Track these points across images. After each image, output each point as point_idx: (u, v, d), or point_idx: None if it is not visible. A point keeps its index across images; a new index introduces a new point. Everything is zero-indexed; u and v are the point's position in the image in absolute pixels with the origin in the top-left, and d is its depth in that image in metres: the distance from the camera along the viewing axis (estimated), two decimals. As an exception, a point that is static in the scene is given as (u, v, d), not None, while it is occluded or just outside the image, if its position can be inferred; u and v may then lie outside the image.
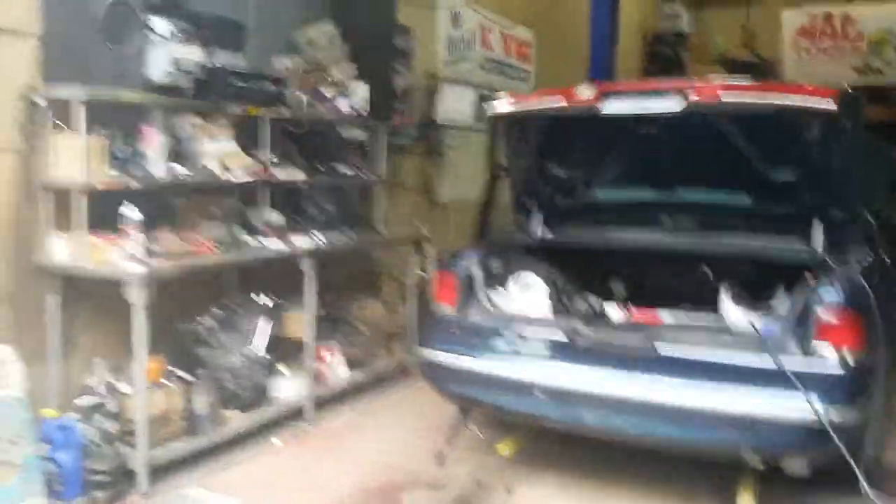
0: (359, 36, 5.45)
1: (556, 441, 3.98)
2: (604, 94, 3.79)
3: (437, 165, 6.98)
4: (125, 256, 3.57)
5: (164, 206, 4.33)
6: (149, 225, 3.81)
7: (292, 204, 5.17)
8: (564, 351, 3.55)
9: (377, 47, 5.60)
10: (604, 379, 3.40)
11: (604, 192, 4.47)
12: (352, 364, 5.05)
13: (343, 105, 5.23)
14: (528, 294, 4.04)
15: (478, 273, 3.86)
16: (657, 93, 3.75)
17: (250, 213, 4.71)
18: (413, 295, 5.55)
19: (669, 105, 3.64)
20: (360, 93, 5.33)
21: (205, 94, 4.16)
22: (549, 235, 4.46)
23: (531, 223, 4.52)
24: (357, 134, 5.60)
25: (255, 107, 4.48)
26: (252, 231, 4.50)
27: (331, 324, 5.09)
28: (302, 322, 4.58)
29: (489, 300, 3.80)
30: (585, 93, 3.84)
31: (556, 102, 3.84)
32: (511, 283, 4.10)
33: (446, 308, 3.87)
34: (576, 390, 3.43)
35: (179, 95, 4.06)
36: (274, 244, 4.42)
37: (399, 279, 5.67)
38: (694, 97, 3.56)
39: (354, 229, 5.29)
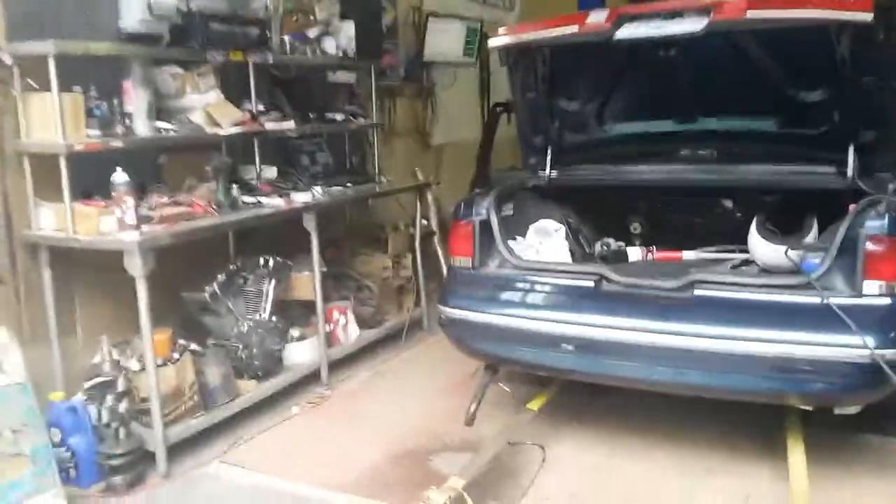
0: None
1: (587, 392, 3.82)
2: (618, 19, 3.49)
3: (428, 106, 6.65)
4: (118, 225, 3.28)
5: (151, 167, 4.03)
6: (138, 188, 3.52)
7: (284, 156, 4.87)
8: (592, 299, 3.35)
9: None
10: (636, 326, 3.20)
11: (618, 126, 4.21)
12: (362, 322, 4.84)
13: (329, 46, 4.87)
14: (548, 241, 3.82)
15: (495, 221, 3.61)
16: (676, 14, 3.46)
17: (242, 169, 4.40)
18: (418, 245, 5.32)
19: (690, 26, 3.35)
20: (347, 32, 4.96)
21: (183, 41, 3.81)
22: (561, 175, 4.21)
23: (540, 162, 4.26)
24: (345, 77, 5.25)
25: (238, 52, 4.12)
26: (247, 188, 4.20)
27: (336, 282, 4.85)
28: (310, 283, 4.33)
29: (509, 250, 3.57)
30: (598, 17, 3.55)
31: (567, 30, 3.54)
32: (530, 231, 3.87)
33: (464, 261, 3.63)
34: (606, 340, 3.23)
35: (157, 44, 3.71)
36: (272, 201, 4.14)
37: (403, 229, 5.41)
38: (717, 16, 3.29)
39: (352, 179, 5.01)
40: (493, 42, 3.71)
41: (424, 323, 5.33)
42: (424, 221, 5.49)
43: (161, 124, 3.77)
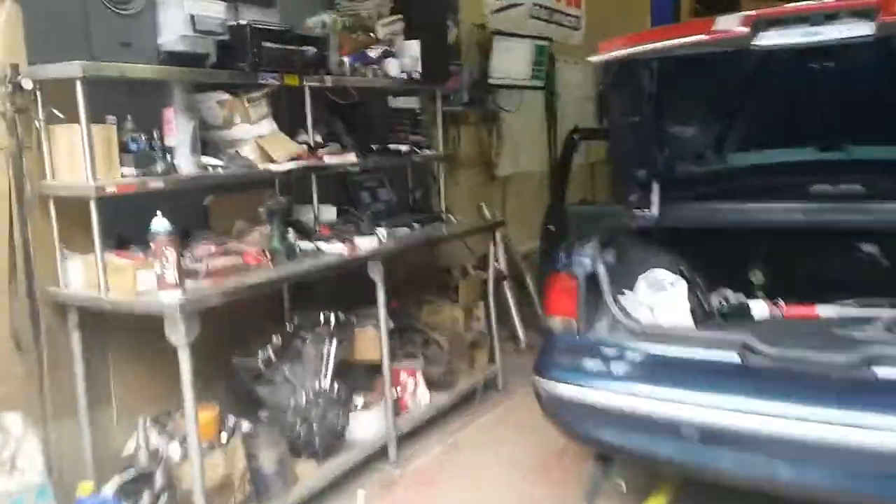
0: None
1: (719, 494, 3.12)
2: (756, 23, 2.85)
3: (493, 134, 6.05)
4: (158, 282, 2.71)
5: (195, 209, 3.48)
6: (181, 234, 2.97)
7: (342, 193, 4.30)
8: (735, 377, 2.67)
9: (425, -4, 4.64)
10: (790, 413, 2.50)
11: (742, 155, 3.55)
12: (431, 383, 4.20)
13: (392, 68, 4.30)
14: (663, 297, 3.15)
15: (604, 275, 2.96)
16: (829, 15, 2.80)
17: (298, 210, 3.83)
18: (492, 293, 4.68)
19: (853, 30, 2.70)
20: (411, 52, 4.39)
21: (232, 62, 3.27)
22: (669, 214, 3.54)
23: (643, 199, 3.60)
24: (408, 102, 4.67)
25: (293, 76, 3.57)
26: (304, 232, 3.62)
27: (400, 336, 4.23)
28: (374, 340, 3.72)
29: (623, 312, 2.91)
30: (730, 23, 2.90)
31: (692, 38, 2.89)
32: (639, 284, 3.21)
33: (566, 323, 2.98)
34: (752, 430, 2.53)
35: (201, 65, 3.16)
36: (333, 247, 3.55)
37: (473, 274, 4.79)
38: (886, 17, 2.63)
39: (418, 219, 4.41)
40: (599, 56, 3.09)
41: (500, 382, 4.67)
42: (496, 264, 4.87)
43: (208, 160, 3.22)
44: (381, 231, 3.83)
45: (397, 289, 4.50)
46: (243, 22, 3.24)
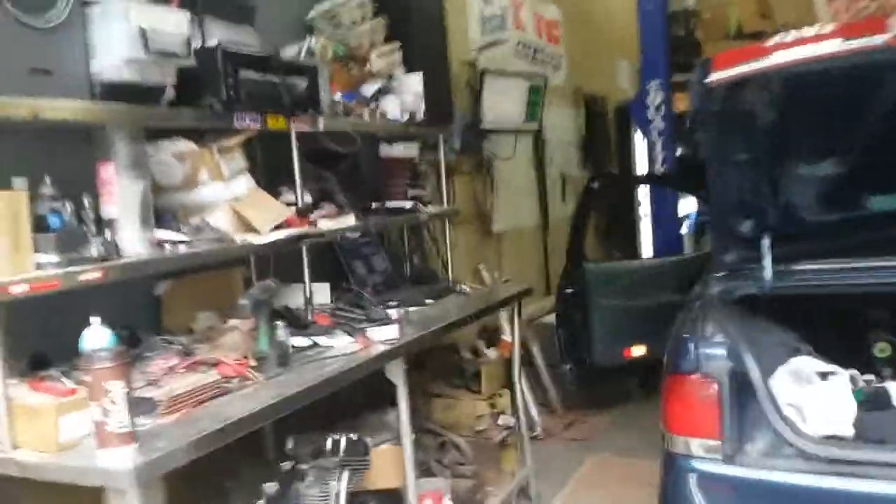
0: (396, 7, 3.67)
1: None
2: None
3: (488, 184, 5.23)
4: (97, 433, 1.72)
5: (145, 301, 2.51)
6: (128, 341, 2.01)
7: (332, 265, 3.39)
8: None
9: (422, 21, 3.81)
10: None
11: (885, 198, 2.80)
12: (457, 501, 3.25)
13: (392, 107, 3.45)
14: (815, 393, 2.31)
15: (757, 374, 2.11)
16: None
17: (284, 292, 2.89)
18: (518, 378, 3.78)
19: None
20: (414, 87, 3.55)
21: (198, 97, 2.36)
22: (786, 277, 2.74)
23: (745, 258, 2.80)
24: (407, 149, 3.81)
25: (279, 116, 2.68)
26: (297, 324, 2.68)
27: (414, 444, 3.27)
28: (392, 461, 2.77)
29: (788, 423, 2.06)
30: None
31: (861, 41, 2.13)
32: (780, 376, 2.36)
33: (705, 446, 2.10)
34: None
35: (155, 102, 2.25)
36: (338, 343, 2.62)
37: (489, 354, 3.89)
38: None
39: (426, 291, 3.52)
40: (719, 74, 2.30)
41: (532, 489, 3.75)
42: (506, 338, 3.97)
43: (163, 234, 2.27)
44: (394, 313, 2.91)
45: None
46: (213, 42, 2.34)
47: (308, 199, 2.96)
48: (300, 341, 2.61)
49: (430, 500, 3.05)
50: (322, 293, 3.05)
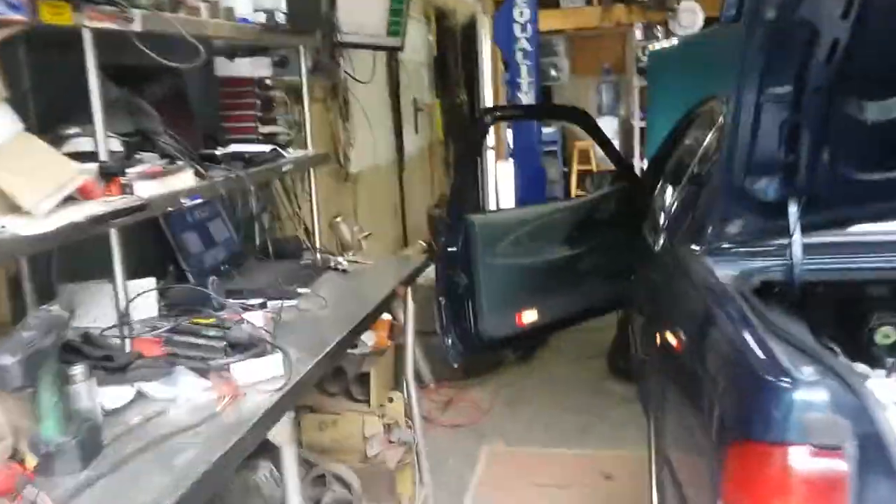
0: None
1: None
2: None
3: (342, 115, 4.16)
4: None
5: None
6: None
7: (153, 241, 2.26)
8: None
9: None
10: None
11: None
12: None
13: (241, 2, 2.31)
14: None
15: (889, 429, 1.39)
16: None
17: (82, 300, 1.76)
18: (411, 376, 2.90)
19: None
20: (271, -22, 2.42)
21: None
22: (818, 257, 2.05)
23: (764, 226, 2.07)
24: (252, 67, 2.67)
25: (61, 4, 1.50)
26: (107, 365, 1.59)
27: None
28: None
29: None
30: None
31: None
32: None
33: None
34: None
35: None
36: (183, 391, 1.59)
37: (376, 347, 2.95)
38: None
39: (296, 272, 2.52)
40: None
41: (431, 508, 2.97)
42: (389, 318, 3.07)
43: None
44: (260, 320, 1.90)
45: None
46: None
47: (116, 147, 1.83)
48: (115, 396, 1.55)
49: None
50: (148, 303, 1.95)
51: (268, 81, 2.71)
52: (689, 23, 8.48)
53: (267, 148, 2.42)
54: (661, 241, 2.76)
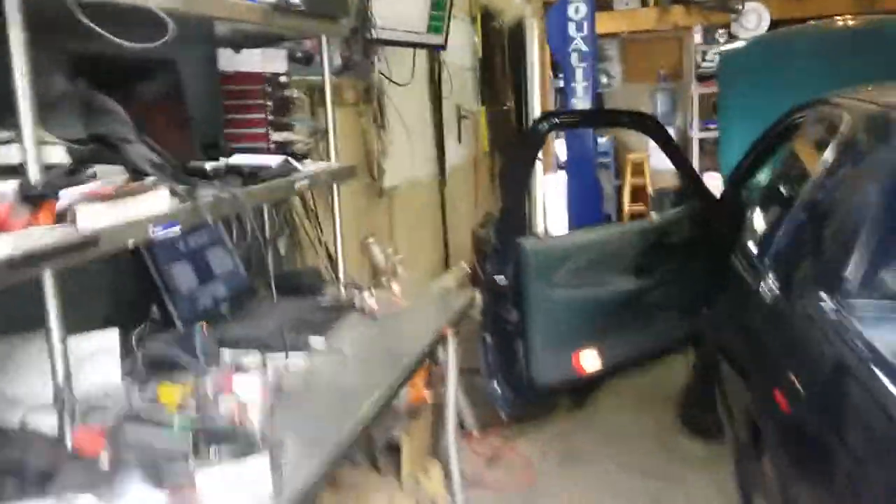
0: None
1: None
2: None
3: (378, 121, 3.66)
4: None
5: None
6: None
7: (132, 276, 1.78)
8: None
9: None
10: None
11: None
12: None
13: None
14: None
15: None
16: None
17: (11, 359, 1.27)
18: (453, 437, 2.36)
19: None
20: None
21: None
22: None
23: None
24: (264, 61, 2.18)
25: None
26: (23, 476, 1.10)
27: None
28: None
29: None
30: None
31: None
32: None
33: None
34: None
35: None
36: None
37: (414, 409, 2.42)
38: None
39: (308, 309, 2.02)
40: None
41: None
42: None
43: None
44: (252, 385, 1.39)
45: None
46: None
47: (60, 157, 1.34)
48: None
49: None
50: (104, 361, 1.46)
51: (283, 79, 2.22)
52: (754, 25, 7.92)
53: (274, 160, 1.91)
54: (770, 283, 2.19)
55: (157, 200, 1.43)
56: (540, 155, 6.70)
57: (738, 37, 7.67)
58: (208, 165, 1.65)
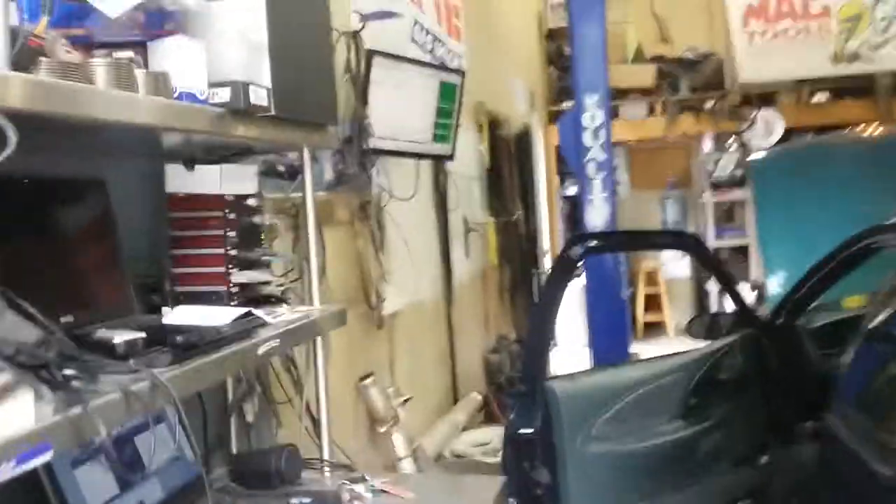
0: None
1: None
2: None
3: (376, 240, 3.15)
4: None
5: None
6: None
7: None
8: None
9: None
10: None
11: None
12: None
13: (183, 64, 1.33)
14: None
15: None
16: None
17: None
18: None
19: None
20: (240, 25, 1.46)
21: None
22: None
23: None
24: (232, 179, 1.69)
25: None
26: None
27: None
28: None
29: None
30: None
31: None
32: None
33: None
34: None
35: None
36: None
37: None
38: None
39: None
40: None
41: None
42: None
43: None
44: None
45: None
46: None
47: None
48: None
49: None
50: None
51: (251, 202, 1.71)
52: (767, 133, 7.71)
53: (229, 316, 1.37)
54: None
55: (11, 413, 0.88)
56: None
57: (750, 145, 7.46)
58: (118, 337, 1.11)
